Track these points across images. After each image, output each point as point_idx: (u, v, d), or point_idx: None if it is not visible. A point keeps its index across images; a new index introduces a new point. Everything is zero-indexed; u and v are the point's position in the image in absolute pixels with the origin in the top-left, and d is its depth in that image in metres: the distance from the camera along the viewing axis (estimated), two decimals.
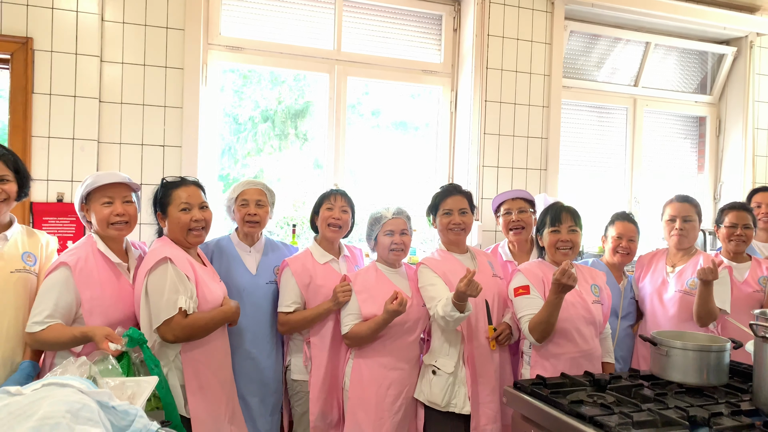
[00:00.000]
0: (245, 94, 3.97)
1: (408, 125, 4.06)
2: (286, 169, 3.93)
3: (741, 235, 2.89)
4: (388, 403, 2.48)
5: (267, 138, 4.00)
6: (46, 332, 2.02)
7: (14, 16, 2.90)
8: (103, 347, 1.88)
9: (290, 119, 4.00)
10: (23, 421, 1.20)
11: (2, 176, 2.10)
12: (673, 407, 1.85)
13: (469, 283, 2.23)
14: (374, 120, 4.06)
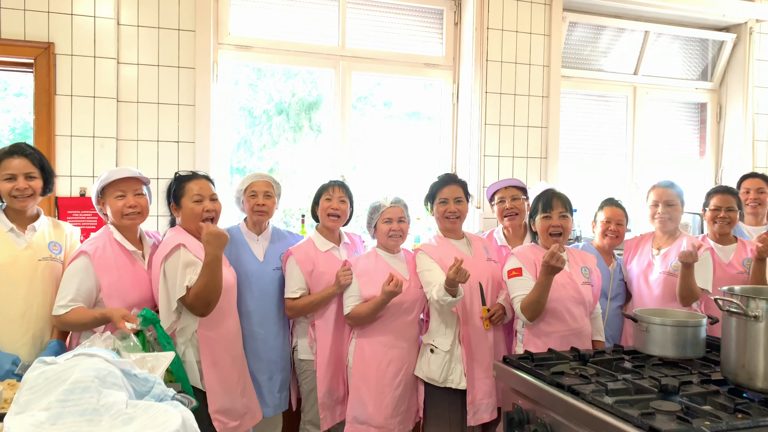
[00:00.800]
0: (259, 87, 4.13)
1: (420, 115, 4.20)
2: (301, 160, 4.08)
3: (725, 217, 3.01)
4: (388, 378, 2.65)
5: (282, 130, 4.15)
6: (70, 314, 2.23)
7: (37, 23, 3.09)
8: (121, 326, 2.07)
9: (304, 111, 4.14)
10: (58, 385, 1.39)
11: (29, 173, 2.30)
12: (648, 377, 2.00)
13: (458, 271, 2.40)
14: (386, 110, 4.20)
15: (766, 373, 1.79)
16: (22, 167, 2.29)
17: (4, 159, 2.28)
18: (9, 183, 2.27)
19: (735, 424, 1.60)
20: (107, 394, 1.40)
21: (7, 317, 2.24)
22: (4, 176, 2.27)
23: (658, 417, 1.65)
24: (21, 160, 2.29)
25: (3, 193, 2.28)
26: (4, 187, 2.27)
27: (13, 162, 2.28)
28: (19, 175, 2.28)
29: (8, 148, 2.33)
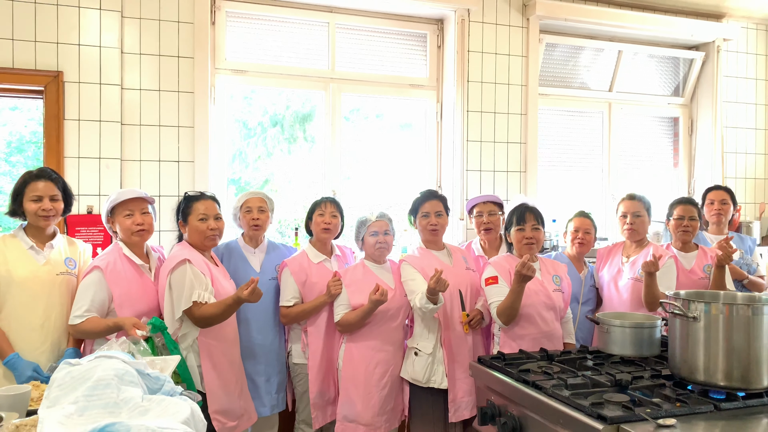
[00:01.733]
0: (254, 100, 4.34)
1: (406, 125, 4.43)
2: (296, 171, 4.28)
3: (687, 226, 3.26)
4: (375, 379, 2.88)
5: (276, 142, 4.35)
6: (85, 324, 2.45)
7: (46, 53, 3.33)
8: (132, 333, 2.29)
9: (298, 122, 4.33)
10: (83, 383, 1.61)
11: (54, 196, 2.53)
12: (605, 373, 2.23)
13: (438, 281, 2.64)
14: (376, 122, 4.42)
15: (705, 368, 2.02)
16: (47, 190, 2.52)
17: (31, 182, 2.51)
18: (35, 204, 2.50)
19: (672, 411, 1.83)
20: (125, 390, 1.62)
21: (29, 327, 2.47)
22: (32, 197, 2.50)
23: (607, 406, 1.87)
24: (46, 184, 2.52)
25: (29, 212, 2.51)
26: (31, 207, 2.50)
27: (40, 185, 2.51)
28: (45, 197, 2.51)
29: (35, 172, 2.56)
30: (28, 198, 2.51)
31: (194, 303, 2.50)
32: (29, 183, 2.52)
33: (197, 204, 2.69)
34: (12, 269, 2.45)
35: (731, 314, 2.00)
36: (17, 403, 1.75)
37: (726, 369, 1.99)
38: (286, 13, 3.98)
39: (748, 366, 1.98)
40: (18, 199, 2.52)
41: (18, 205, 2.52)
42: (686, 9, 4.76)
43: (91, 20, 3.39)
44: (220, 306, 2.52)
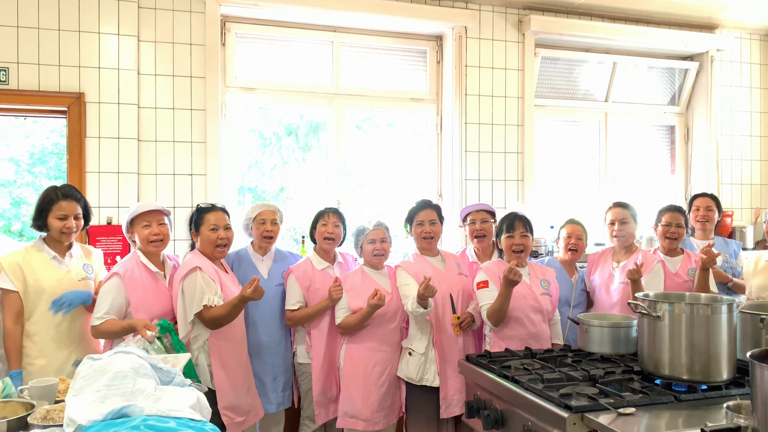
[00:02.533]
0: (269, 110, 4.53)
1: (409, 132, 4.63)
2: (310, 180, 4.47)
3: (674, 232, 3.42)
4: (374, 378, 3.08)
5: (291, 151, 4.56)
6: (104, 325, 2.69)
7: (70, 76, 3.59)
8: (142, 334, 2.51)
9: (312, 131, 4.53)
10: (103, 375, 1.83)
11: (77, 215, 2.77)
12: (580, 369, 2.41)
13: (426, 287, 2.84)
14: (381, 134, 4.63)
15: (669, 362, 2.19)
16: (72, 209, 2.76)
17: (57, 201, 2.74)
18: (60, 222, 2.74)
19: (633, 400, 2.01)
20: (140, 381, 1.84)
21: (57, 330, 2.71)
22: (57, 215, 2.74)
23: (575, 397, 2.06)
24: (71, 203, 2.76)
25: (54, 228, 2.75)
26: (56, 224, 2.74)
27: (65, 204, 2.75)
28: (69, 216, 2.75)
29: (62, 191, 2.79)
30: (54, 215, 2.75)
31: (204, 306, 2.72)
32: (56, 202, 2.76)
33: (208, 215, 2.92)
34: (40, 279, 2.69)
35: (692, 314, 2.17)
36: (46, 394, 1.98)
37: (688, 364, 2.17)
38: (292, 33, 4.22)
39: (708, 361, 2.15)
40: (43, 215, 2.76)
41: (43, 220, 2.76)
42: (680, 21, 4.92)
43: (110, 45, 3.65)
44: (227, 307, 2.74)
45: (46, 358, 2.67)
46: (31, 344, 2.68)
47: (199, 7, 3.88)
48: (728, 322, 2.17)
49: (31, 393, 1.97)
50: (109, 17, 3.64)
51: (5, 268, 2.66)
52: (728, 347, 2.17)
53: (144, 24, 3.76)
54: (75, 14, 3.59)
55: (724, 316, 2.16)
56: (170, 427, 1.42)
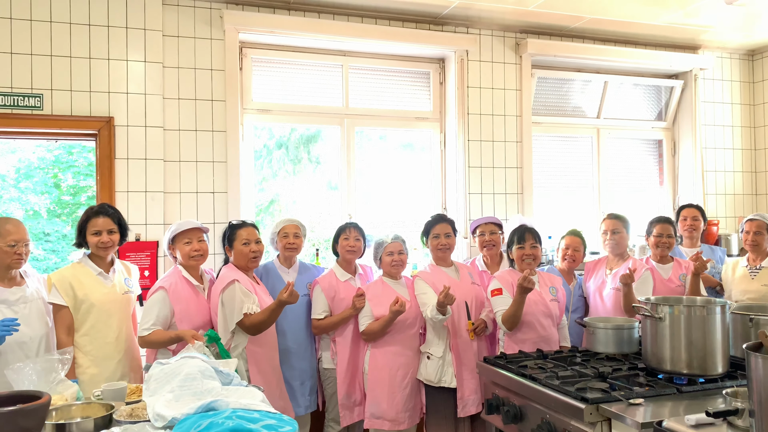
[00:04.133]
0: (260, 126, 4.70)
1: (415, 147, 4.90)
2: (301, 192, 4.66)
3: (665, 242, 3.70)
4: (398, 381, 3.31)
5: (282, 164, 4.77)
6: (152, 335, 2.90)
7: (100, 101, 3.80)
8: (191, 343, 2.72)
9: (303, 144, 4.73)
10: (174, 377, 2.05)
11: (111, 229, 2.98)
12: (590, 367, 2.66)
13: (446, 295, 3.09)
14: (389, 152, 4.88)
15: (671, 358, 2.45)
16: (105, 225, 2.97)
17: (92, 218, 2.96)
18: (96, 237, 2.95)
19: (640, 392, 2.26)
20: (207, 382, 2.06)
21: (105, 341, 2.92)
22: (92, 231, 2.95)
23: (589, 391, 2.31)
24: (104, 219, 2.97)
25: (91, 244, 2.96)
26: (92, 240, 2.95)
27: (99, 220, 2.96)
28: (103, 231, 2.96)
29: (96, 208, 3.01)
30: (90, 232, 2.96)
31: (245, 315, 2.95)
32: (91, 219, 2.97)
33: (240, 231, 3.15)
34: (89, 293, 2.90)
35: (690, 314, 2.44)
36: (118, 395, 2.19)
37: (687, 359, 2.43)
38: (304, 58, 4.47)
39: (704, 357, 2.41)
40: (82, 233, 2.97)
41: (82, 237, 2.97)
42: (665, 42, 5.25)
43: (137, 71, 3.87)
44: (266, 312, 2.97)
45: (98, 367, 2.87)
46: (82, 355, 2.87)
47: (219, 35, 4.12)
48: (722, 322, 2.44)
49: (104, 395, 2.18)
50: (136, 46, 3.87)
51: (56, 285, 2.87)
52: (722, 344, 2.43)
53: (168, 51, 3.99)
54: (104, 43, 3.81)
55: (718, 316, 2.43)
56: (256, 417, 1.65)
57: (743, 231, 3.82)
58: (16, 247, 2.77)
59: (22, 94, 3.66)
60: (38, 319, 2.85)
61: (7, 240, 2.76)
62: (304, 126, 4.66)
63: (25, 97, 3.66)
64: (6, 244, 2.76)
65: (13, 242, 2.76)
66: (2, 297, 2.78)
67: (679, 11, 4.53)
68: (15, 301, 2.80)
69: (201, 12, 4.09)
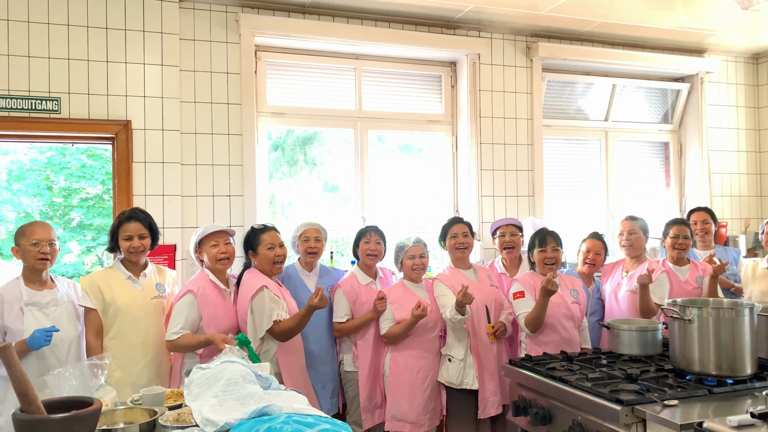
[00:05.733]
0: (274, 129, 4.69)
1: (426, 156, 4.93)
2: (297, 193, 4.65)
3: (682, 244, 3.73)
4: (418, 383, 3.33)
5: (278, 165, 4.76)
6: (180, 339, 2.90)
7: (117, 105, 3.80)
8: (221, 347, 2.71)
9: (299, 146, 4.73)
10: (216, 381, 2.06)
11: (142, 234, 2.99)
12: (618, 369, 2.69)
13: (464, 295, 3.12)
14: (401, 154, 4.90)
15: (700, 360, 2.48)
16: (136, 229, 2.98)
17: (123, 223, 2.97)
18: (127, 242, 2.96)
19: (675, 395, 2.29)
20: (248, 387, 2.07)
21: (131, 345, 2.91)
22: (124, 236, 2.96)
23: (623, 393, 2.34)
24: (135, 224, 2.98)
25: (123, 248, 2.97)
26: (124, 244, 2.96)
27: (130, 225, 2.97)
28: (134, 235, 2.97)
29: (127, 213, 3.02)
30: (122, 237, 2.97)
31: (275, 322, 2.95)
32: (123, 224, 2.99)
33: (264, 235, 3.15)
34: (116, 297, 2.90)
35: (719, 316, 2.47)
36: (157, 400, 2.19)
37: (716, 361, 2.46)
38: (318, 61, 4.48)
39: (734, 358, 2.45)
40: (114, 238, 2.98)
41: (115, 242, 2.98)
42: (672, 46, 5.30)
43: (154, 75, 3.87)
44: (296, 318, 2.96)
45: (123, 371, 2.87)
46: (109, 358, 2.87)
47: (235, 38, 4.12)
48: (750, 324, 2.48)
49: (143, 400, 2.18)
50: (152, 49, 3.86)
51: (86, 288, 2.87)
52: (751, 346, 2.47)
53: (184, 55, 3.99)
54: (121, 47, 3.80)
55: (746, 318, 2.47)
56: (311, 422, 1.66)
57: (764, 232, 3.85)
58: (39, 246, 2.85)
59: (40, 97, 3.65)
60: (68, 322, 2.87)
61: (30, 239, 2.86)
62: (317, 129, 4.67)
63: (42, 101, 3.65)
64: (29, 243, 2.85)
65: (36, 241, 2.85)
66: (34, 300, 2.82)
67: (686, 16, 4.57)
68: (46, 303, 2.83)
69: (217, 15, 4.09)
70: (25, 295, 2.83)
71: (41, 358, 2.74)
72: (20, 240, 2.88)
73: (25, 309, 2.80)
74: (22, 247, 2.87)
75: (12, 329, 2.76)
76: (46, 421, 1.61)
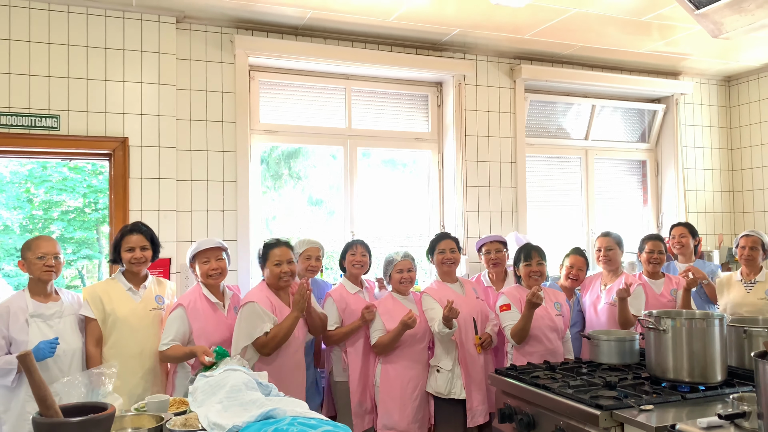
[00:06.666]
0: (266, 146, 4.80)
1: (414, 173, 5.09)
2: (282, 206, 4.77)
3: (656, 258, 3.92)
4: (408, 393, 3.45)
5: (263, 179, 4.82)
6: (170, 350, 3.01)
7: (115, 122, 3.90)
8: (201, 359, 2.78)
9: (284, 160, 4.86)
10: (220, 389, 2.17)
11: (143, 246, 3.09)
12: (597, 377, 2.84)
13: (450, 309, 3.26)
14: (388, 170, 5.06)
15: (674, 368, 2.64)
16: (138, 241, 3.09)
17: (126, 235, 3.08)
18: (129, 253, 3.06)
19: (650, 400, 2.44)
20: (250, 393, 2.18)
21: (128, 355, 3.00)
22: (126, 248, 3.07)
23: (602, 399, 2.48)
24: (138, 236, 3.09)
25: (125, 260, 3.07)
26: (126, 255, 3.06)
27: (132, 237, 3.08)
28: (136, 247, 3.07)
29: (130, 226, 3.14)
30: (124, 248, 3.08)
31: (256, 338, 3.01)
32: (125, 236, 3.09)
33: (273, 251, 3.21)
34: (116, 308, 3.00)
35: (691, 327, 2.64)
36: (161, 407, 2.29)
37: (689, 369, 2.62)
38: (309, 81, 4.63)
39: (705, 366, 2.61)
40: (117, 250, 3.08)
41: (117, 254, 3.08)
42: (648, 69, 5.54)
43: (151, 93, 3.99)
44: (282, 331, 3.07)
45: (120, 380, 2.92)
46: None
47: (230, 59, 4.26)
48: (720, 333, 2.65)
49: (149, 407, 2.28)
50: (150, 68, 3.99)
51: (87, 298, 2.97)
52: (721, 354, 2.64)
53: (181, 74, 4.12)
54: (120, 66, 3.92)
55: (717, 328, 2.64)
56: (314, 423, 1.77)
57: (738, 246, 4.03)
58: (44, 259, 2.94)
59: (40, 114, 3.75)
60: (72, 334, 2.97)
61: (36, 253, 2.95)
62: (308, 146, 4.80)
63: (42, 118, 3.75)
64: (35, 256, 2.95)
65: (41, 254, 2.95)
66: (38, 311, 2.91)
67: (662, 41, 4.80)
68: (50, 315, 2.92)
69: (212, 36, 4.23)
70: (30, 307, 2.92)
71: (44, 369, 2.80)
72: (26, 254, 2.97)
73: (30, 320, 2.89)
74: (28, 261, 2.96)
75: (17, 340, 2.84)
76: (66, 425, 1.71)
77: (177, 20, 4.07)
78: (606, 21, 4.32)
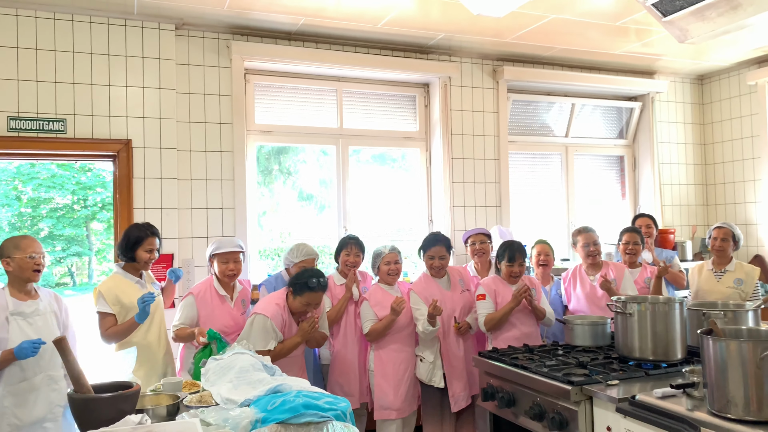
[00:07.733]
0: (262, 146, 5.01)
1: (403, 170, 5.34)
2: (273, 202, 4.98)
3: (632, 249, 4.19)
4: (401, 374, 3.72)
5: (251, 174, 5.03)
6: (178, 331, 3.34)
7: (119, 125, 4.12)
8: (197, 339, 3.13)
9: (273, 156, 5.06)
10: (230, 370, 2.41)
11: (158, 248, 3.34)
12: (572, 357, 3.11)
13: (434, 308, 3.55)
14: (380, 168, 5.32)
15: (639, 347, 2.91)
16: (156, 244, 3.36)
17: (148, 237, 3.31)
18: (148, 254, 3.31)
19: (616, 376, 2.71)
20: (257, 374, 2.42)
21: (152, 339, 3.28)
22: (146, 249, 3.31)
23: (573, 376, 2.75)
24: (155, 239, 3.36)
25: (141, 259, 3.29)
26: (145, 256, 3.30)
27: (153, 240, 3.35)
28: (154, 249, 3.34)
29: (150, 230, 3.35)
30: (144, 249, 3.30)
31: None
32: (147, 238, 3.31)
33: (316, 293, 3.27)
34: (133, 300, 3.23)
35: (654, 310, 2.91)
36: (176, 388, 2.53)
37: (653, 348, 2.89)
38: (302, 83, 4.86)
39: (666, 345, 2.88)
40: (134, 248, 3.29)
41: (133, 252, 3.29)
42: (625, 68, 5.81)
43: (152, 97, 4.20)
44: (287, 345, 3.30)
45: (150, 363, 3.22)
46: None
47: (226, 63, 4.48)
48: (680, 316, 2.92)
49: (165, 388, 2.52)
50: (151, 74, 4.20)
51: (104, 295, 3.19)
52: (681, 335, 2.91)
53: (180, 79, 4.33)
54: (122, 72, 4.13)
55: (677, 311, 2.91)
56: (317, 396, 2.02)
57: (710, 237, 4.29)
58: (35, 259, 2.97)
59: (47, 119, 3.95)
60: (50, 331, 3.01)
61: (27, 252, 2.96)
62: (302, 145, 5.03)
63: (49, 122, 3.95)
64: (26, 255, 2.95)
65: (32, 254, 2.97)
66: (19, 309, 2.96)
67: (638, 42, 5.07)
68: (30, 313, 2.98)
69: (210, 42, 4.44)
70: (10, 305, 2.94)
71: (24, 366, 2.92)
72: (14, 253, 2.95)
73: (10, 318, 2.91)
74: (15, 260, 2.95)
75: None
76: (98, 400, 1.95)
77: (176, 27, 4.29)
78: (584, 25, 4.57)
